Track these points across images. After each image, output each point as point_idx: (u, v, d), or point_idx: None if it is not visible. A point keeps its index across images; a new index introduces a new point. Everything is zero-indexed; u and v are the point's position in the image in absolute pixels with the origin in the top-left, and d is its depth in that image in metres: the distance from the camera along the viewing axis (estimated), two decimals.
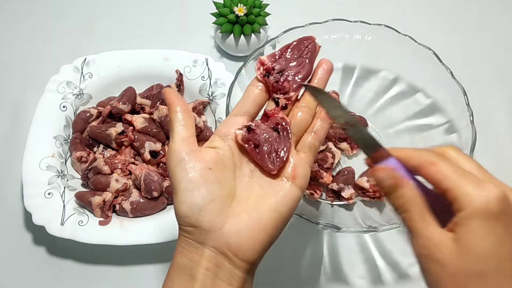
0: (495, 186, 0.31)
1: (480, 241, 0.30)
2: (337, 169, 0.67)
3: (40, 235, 0.63)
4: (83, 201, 0.61)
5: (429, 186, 0.35)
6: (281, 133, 0.42)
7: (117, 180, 0.62)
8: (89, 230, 0.59)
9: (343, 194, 0.62)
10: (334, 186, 0.63)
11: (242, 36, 0.76)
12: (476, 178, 0.32)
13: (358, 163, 0.68)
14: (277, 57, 0.43)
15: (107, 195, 0.61)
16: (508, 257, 0.31)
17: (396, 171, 0.34)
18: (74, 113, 0.68)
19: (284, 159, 0.40)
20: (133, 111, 0.69)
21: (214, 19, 0.77)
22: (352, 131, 0.37)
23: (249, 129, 0.41)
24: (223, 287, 0.37)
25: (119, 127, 0.66)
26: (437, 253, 0.31)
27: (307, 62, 0.43)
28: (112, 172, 0.64)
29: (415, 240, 0.33)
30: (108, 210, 0.61)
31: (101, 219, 0.60)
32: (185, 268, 0.37)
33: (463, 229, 0.31)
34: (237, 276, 0.37)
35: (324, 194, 0.64)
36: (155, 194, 0.61)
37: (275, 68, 0.43)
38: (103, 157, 0.65)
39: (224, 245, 0.37)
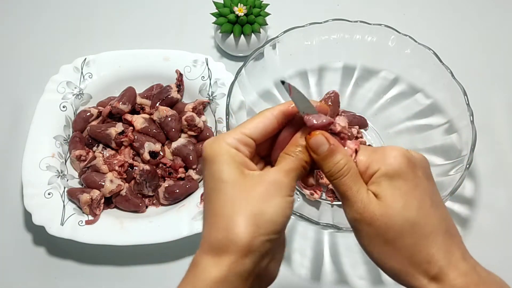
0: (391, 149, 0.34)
1: (393, 196, 0.33)
2: None
3: (40, 235, 0.63)
4: (73, 197, 0.61)
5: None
6: None
7: (111, 181, 0.62)
8: (89, 230, 0.59)
9: None
10: None
11: (242, 36, 0.76)
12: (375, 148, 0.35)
13: None
14: None
15: (95, 193, 0.60)
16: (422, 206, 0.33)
17: (332, 137, 0.34)
18: (74, 113, 0.68)
19: None
20: (133, 111, 0.69)
21: (214, 19, 0.77)
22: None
23: None
24: None
25: (119, 127, 0.66)
26: (367, 214, 0.33)
27: None
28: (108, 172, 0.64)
29: (350, 205, 0.34)
30: (96, 208, 0.60)
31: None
32: None
33: (379, 188, 0.33)
34: None
35: (324, 194, 0.64)
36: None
37: None
38: (103, 156, 0.65)
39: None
